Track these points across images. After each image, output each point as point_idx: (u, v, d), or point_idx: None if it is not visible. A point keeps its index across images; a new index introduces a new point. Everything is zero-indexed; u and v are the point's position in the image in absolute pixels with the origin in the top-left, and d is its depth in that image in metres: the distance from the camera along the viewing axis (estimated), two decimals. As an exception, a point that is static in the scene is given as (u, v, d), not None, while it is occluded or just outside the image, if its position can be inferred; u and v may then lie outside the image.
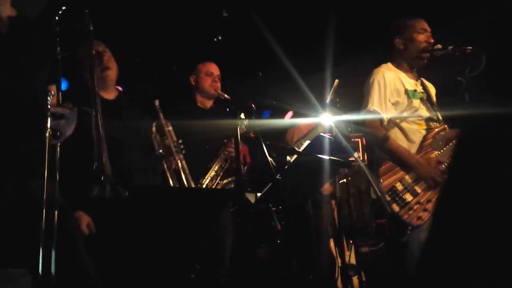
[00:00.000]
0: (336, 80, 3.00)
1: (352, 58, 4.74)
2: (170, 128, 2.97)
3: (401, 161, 2.85)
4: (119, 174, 2.54)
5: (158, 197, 2.33)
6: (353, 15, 4.20)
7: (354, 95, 3.13)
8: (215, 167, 3.24)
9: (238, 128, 2.42)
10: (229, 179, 3.26)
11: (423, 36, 2.98)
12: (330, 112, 2.96)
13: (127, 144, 2.66)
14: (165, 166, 2.87)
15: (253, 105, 2.56)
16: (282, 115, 4.27)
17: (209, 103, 3.46)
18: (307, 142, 2.97)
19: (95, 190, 1.75)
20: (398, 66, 3.01)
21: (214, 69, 3.49)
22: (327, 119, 3.00)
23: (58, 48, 1.78)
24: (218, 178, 3.24)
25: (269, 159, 2.42)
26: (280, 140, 3.80)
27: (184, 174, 2.93)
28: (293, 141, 3.85)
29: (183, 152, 2.92)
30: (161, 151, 2.84)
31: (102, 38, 2.74)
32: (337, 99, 3.00)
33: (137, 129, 2.77)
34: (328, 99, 2.97)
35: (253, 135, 3.07)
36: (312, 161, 2.63)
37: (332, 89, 3.00)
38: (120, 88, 2.93)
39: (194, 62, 3.51)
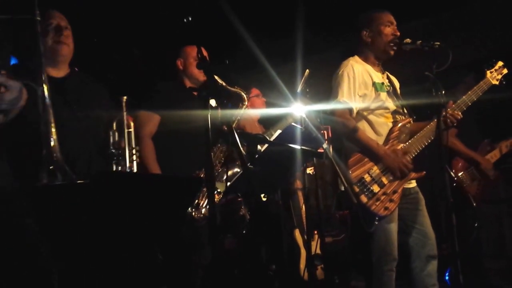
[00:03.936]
0: (307, 70, 2.99)
1: (323, 48, 4.76)
2: (131, 130, 2.61)
3: (369, 152, 2.91)
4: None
5: (123, 184, 2.25)
6: (324, 5, 4.22)
7: (325, 85, 3.14)
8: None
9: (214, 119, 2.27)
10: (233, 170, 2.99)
11: (389, 29, 3.04)
12: (301, 102, 2.95)
13: (69, 127, 2.43)
14: (114, 168, 2.55)
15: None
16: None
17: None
18: (278, 132, 2.95)
19: (43, 179, 1.64)
20: (365, 59, 3.07)
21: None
22: (297, 109, 2.99)
23: None
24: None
25: (240, 148, 2.37)
26: None
27: None
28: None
29: (137, 160, 2.58)
30: (113, 150, 2.52)
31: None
32: (308, 89, 2.99)
33: (91, 113, 2.55)
34: (299, 89, 2.96)
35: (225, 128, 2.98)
36: (282, 151, 2.61)
37: (303, 79, 2.99)
38: (76, 69, 2.71)
39: (157, 46, 3.34)
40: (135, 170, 2.57)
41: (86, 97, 2.60)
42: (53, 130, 1.70)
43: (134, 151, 2.57)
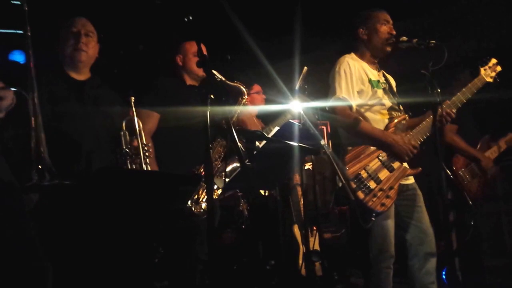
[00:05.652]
0: (305, 67, 3.01)
1: (321, 46, 4.77)
2: (141, 127, 2.72)
3: (377, 141, 2.92)
4: (77, 155, 2.49)
5: (123, 180, 2.29)
6: (322, 3, 4.23)
7: (323, 82, 3.17)
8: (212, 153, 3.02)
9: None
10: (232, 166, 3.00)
11: (385, 27, 3.07)
12: (299, 99, 2.97)
13: (84, 122, 2.57)
14: (129, 166, 2.65)
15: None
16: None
17: (197, 84, 3.25)
18: (276, 128, 2.98)
19: (34, 178, 1.70)
20: (361, 56, 3.10)
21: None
22: (296, 106, 3.01)
23: None
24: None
25: (239, 144, 2.40)
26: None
27: None
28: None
29: (150, 156, 2.69)
30: (127, 150, 2.63)
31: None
32: (306, 86, 3.02)
33: (106, 113, 2.67)
34: (297, 86, 2.98)
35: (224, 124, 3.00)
36: (281, 147, 2.63)
37: (301, 76, 3.01)
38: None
39: (161, 42, 3.37)
40: (149, 166, 2.66)
41: (102, 98, 2.72)
42: (43, 135, 1.78)
43: (146, 148, 2.66)
